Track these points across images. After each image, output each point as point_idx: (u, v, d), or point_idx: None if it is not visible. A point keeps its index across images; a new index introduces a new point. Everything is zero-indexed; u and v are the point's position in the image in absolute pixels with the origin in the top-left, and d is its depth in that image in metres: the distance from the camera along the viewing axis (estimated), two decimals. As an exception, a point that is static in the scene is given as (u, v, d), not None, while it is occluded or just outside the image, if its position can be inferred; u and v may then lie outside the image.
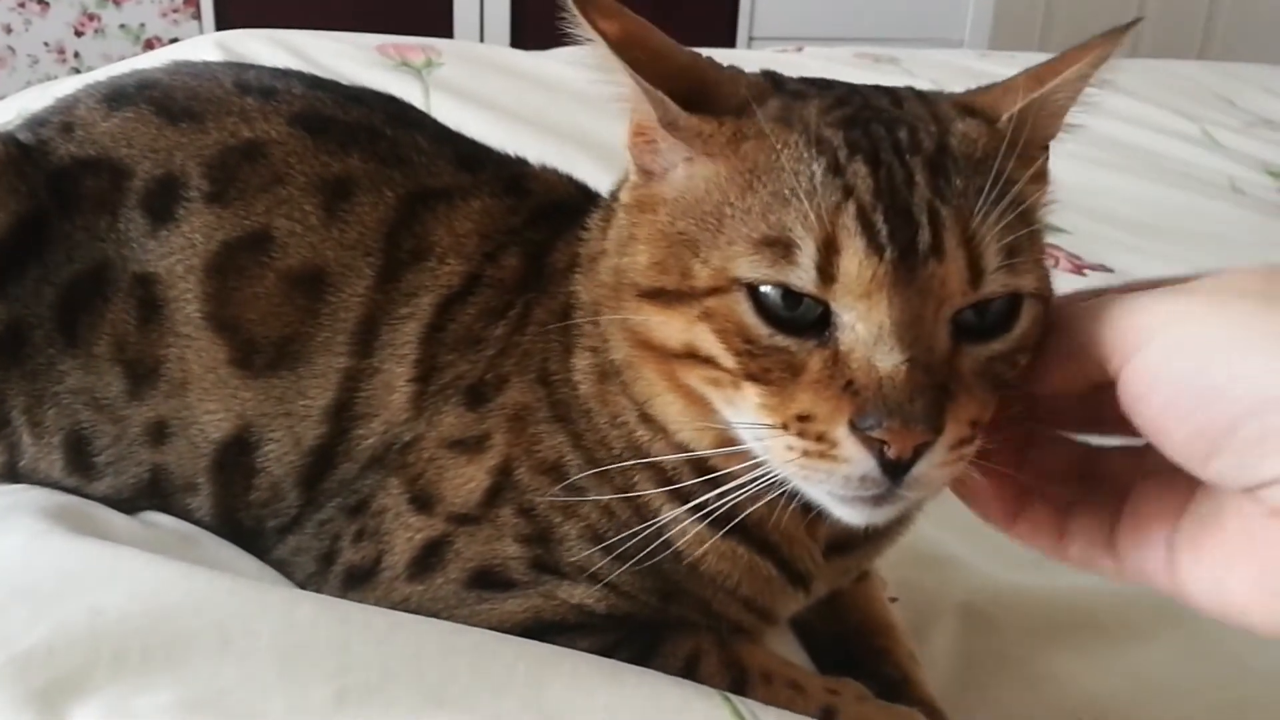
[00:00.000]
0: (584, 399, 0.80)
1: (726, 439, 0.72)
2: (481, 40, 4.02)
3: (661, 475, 0.77)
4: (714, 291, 0.67)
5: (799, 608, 0.88)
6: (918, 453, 0.62)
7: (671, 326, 0.70)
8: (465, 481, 0.82)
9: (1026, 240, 0.66)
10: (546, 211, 0.92)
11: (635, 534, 0.77)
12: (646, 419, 0.77)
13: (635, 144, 0.74)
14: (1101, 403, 0.65)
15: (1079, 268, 1.62)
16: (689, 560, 0.80)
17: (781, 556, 0.81)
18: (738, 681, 0.81)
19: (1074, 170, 1.91)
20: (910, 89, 0.75)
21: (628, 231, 0.75)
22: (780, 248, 0.65)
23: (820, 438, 0.63)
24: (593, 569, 0.80)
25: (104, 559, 0.75)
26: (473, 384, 0.85)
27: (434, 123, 1.02)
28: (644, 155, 0.74)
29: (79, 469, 0.91)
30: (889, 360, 0.62)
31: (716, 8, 4.29)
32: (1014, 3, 4.44)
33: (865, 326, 0.63)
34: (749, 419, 0.67)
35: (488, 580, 0.81)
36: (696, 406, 0.72)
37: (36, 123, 0.97)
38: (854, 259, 0.63)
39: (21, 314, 0.90)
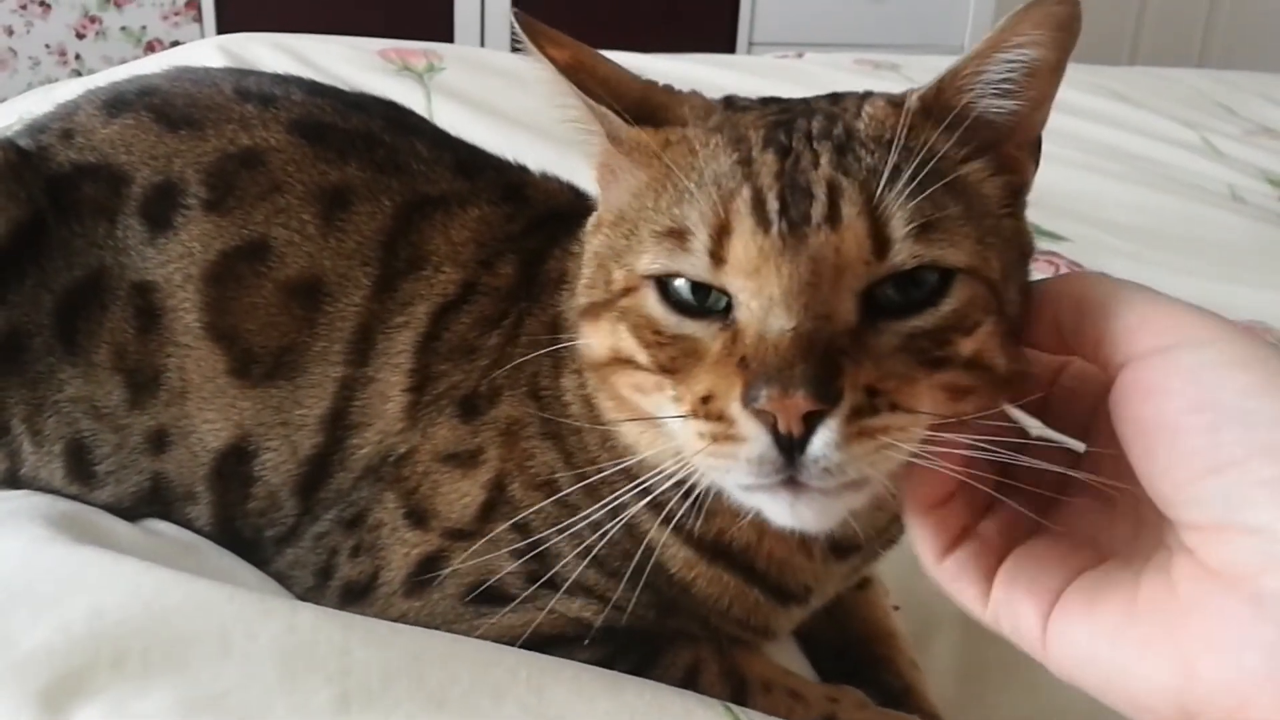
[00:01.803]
0: (575, 419, 0.80)
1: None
2: (482, 44, 4.02)
3: (649, 497, 0.76)
4: (627, 292, 0.68)
5: (801, 618, 0.88)
6: (810, 426, 0.59)
7: (599, 336, 0.70)
8: (460, 497, 0.83)
9: (960, 217, 0.64)
10: (545, 219, 0.92)
11: (628, 553, 0.77)
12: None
13: (601, 176, 0.75)
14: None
15: (1079, 275, 1.62)
16: (681, 581, 0.80)
17: (770, 583, 0.81)
18: (738, 691, 0.81)
19: (1074, 177, 1.91)
20: (865, 92, 0.73)
21: (582, 261, 0.75)
22: (677, 238, 0.65)
23: (720, 417, 0.61)
24: (589, 584, 0.80)
25: (104, 564, 0.75)
26: (466, 395, 0.85)
27: (433, 129, 1.02)
28: (608, 188, 0.74)
29: (80, 477, 0.91)
30: (775, 327, 0.60)
31: (717, 13, 4.29)
32: (1013, 9, 4.45)
33: (758, 301, 0.61)
34: (669, 413, 0.65)
35: (485, 595, 0.81)
36: (651, 430, 0.71)
37: (36, 129, 0.97)
38: (741, 238, 0.62)
39: (20, 321, 0.90)
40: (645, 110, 0.71)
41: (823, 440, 0.59)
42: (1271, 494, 0.51)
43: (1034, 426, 0.68)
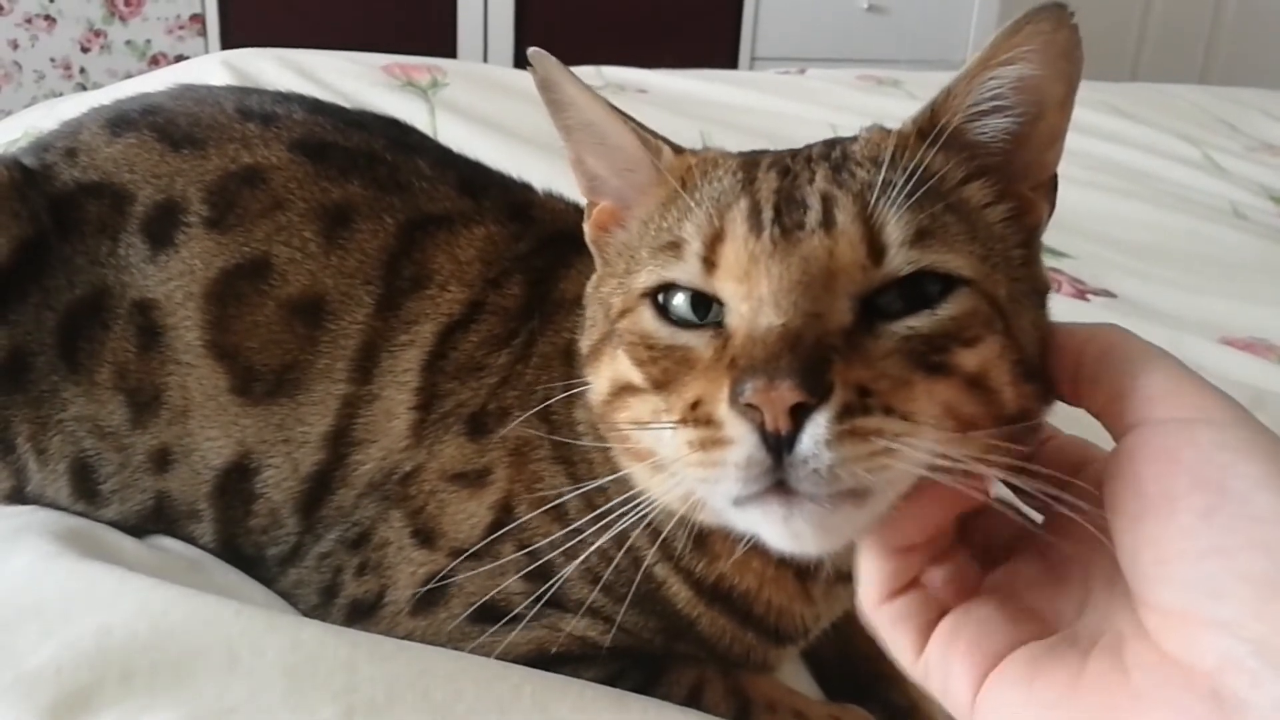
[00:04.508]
0: (588, 450, 0.79)
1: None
2: (485, 59, 4.04)
3: (655, 534, 0.75)
4: (624, 314, 0.68)
5: (801, 648, 0.88)
6: (799, 423, 0.55)
7: (601, 373, 0.70)
8: (467, 517, 0.83)
9: (960, 233, 0.64)
10: (552, 239, 0.93)
11: (634, 581, 0.77)
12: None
13: (598, 236, 0.76)
14: None
15: (1082, 292, 1.62)
16: (686, 617, 0.80)
17: (767, 627, 0.81)
18: (742, 710, 0.81)
19: (1076, 194, 1.91)
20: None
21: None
22: (672, 249, 0.65)
23: (709, 421, 0.58)
24: (595, 606, 0.80)
25: (112, 580, 0.76)
26: (474, 412, 0.85)
27: (436, 147, 1.03)
28: (611, 245, 0.75)
29: (85, 495, 0.91)
30: (763, 322, 0.59)
31: (719, 28, 4.31)
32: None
33: (748, 304, 0.60)
34: (661, 423, 0.63)
35: (491, 614, 0.81)
36: (657, 474, 0.66)
37: (41, 147, 0.98)
38: (733, 243, 0.62)
39: (24, 340, 0.91)
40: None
41: (811, 437, 0.55)
42: (1253, 590, 0.49)
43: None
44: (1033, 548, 0.63)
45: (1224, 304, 1.61)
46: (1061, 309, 0.71)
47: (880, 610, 0.63)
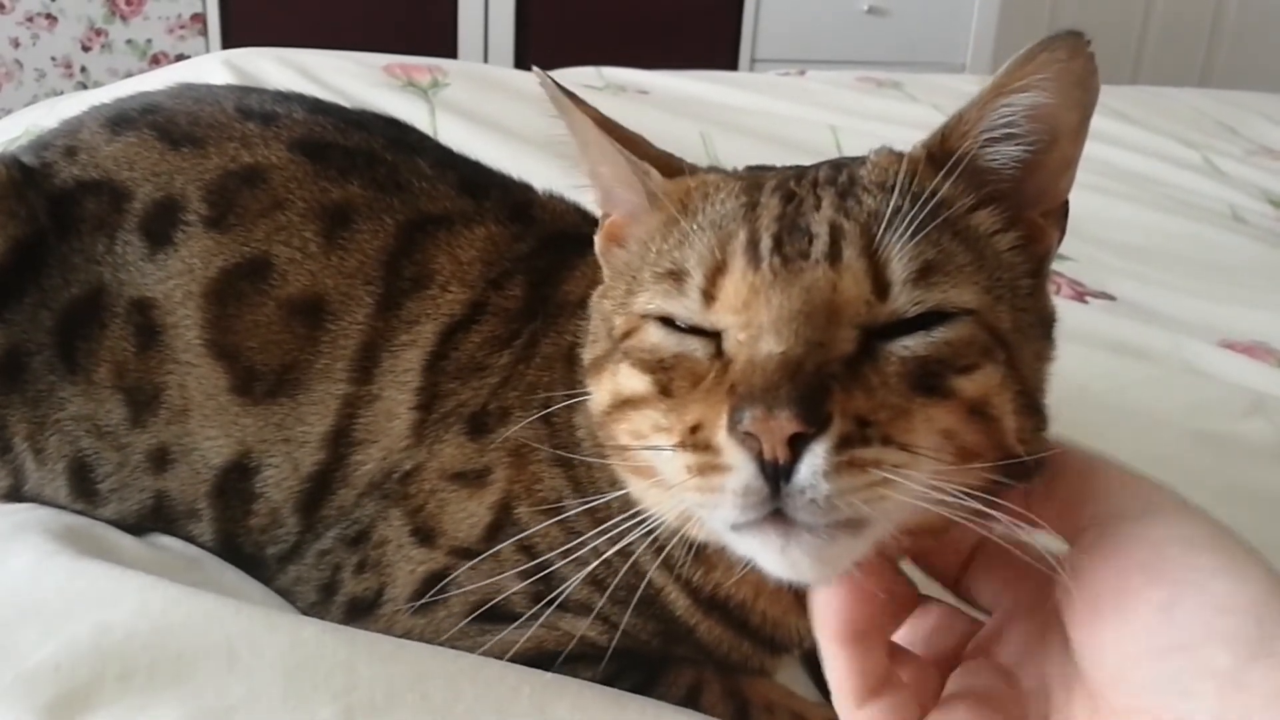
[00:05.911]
0: (588, 455, 0.78)
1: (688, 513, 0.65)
2: (485, 59, 4.04)
3: (655, 543, 0.72)
4: (628, 335, 0.67)
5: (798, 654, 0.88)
6: (797, 452, 0.55)
7: (603, 385, 0.69)
8: (467, 516, 0.83)
9: (965, 263, 0.63)
10: (553, 240, 0.93)
11: (633, 586, 0.76)
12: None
13: (607, 249, 0.75)
14: None
15: (1080, 294, 1.62)
16: (685, 624, 0.80)
17: (763, 637, 0.81)
18: (740, 711, 0.81)
19: (1075, 196, 1.91)
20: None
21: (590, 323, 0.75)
22: (674, 279, 0.64)
23: (708, 446, 0.58)
24: (594, 607, 0.79)
25: (111, 579, 0.76)
26: (475, 412, 0.85)
27: (436, 147, 1.03)
28: (616, 260, 0.75)
29: (83, 495, 0.91)
30: (763, 349, 0.58)
31: (720, 29, 4.31)
32: (1016, 28, 4.46)
33: (747, 332, 0.60)
34: (660, 444, 0.62)
35: (490, 613, 0.80)
36: (654, 488, 0.66)
37: (40, 145, 0.98)
38: (732, 277, 0.62)
39: (21, 340, 0.90)
40: (667, 171, 0.72)
41: (809, 467, 0.55)
42: (1218, 687, 0.49)
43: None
44: (982, 657, 0.64)
45: (1224, 308, 1.61)
46: (1061, 311, 0.71)
47: (858, 715, 0.62)
